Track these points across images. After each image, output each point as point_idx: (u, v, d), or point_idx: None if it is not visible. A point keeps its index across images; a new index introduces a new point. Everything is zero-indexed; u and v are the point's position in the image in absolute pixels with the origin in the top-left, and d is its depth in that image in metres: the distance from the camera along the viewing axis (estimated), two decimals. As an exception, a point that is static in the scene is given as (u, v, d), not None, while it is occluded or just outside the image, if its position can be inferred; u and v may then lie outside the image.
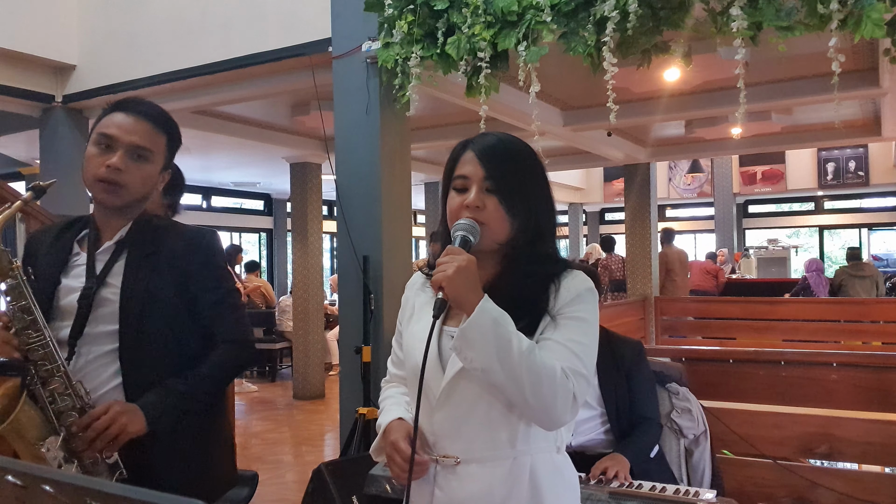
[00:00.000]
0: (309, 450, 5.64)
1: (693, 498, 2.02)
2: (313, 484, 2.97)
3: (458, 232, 1.28)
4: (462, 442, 1.30)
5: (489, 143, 1.34)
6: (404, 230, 4.10)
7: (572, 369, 1.23)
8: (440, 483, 1.31)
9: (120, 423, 1.49)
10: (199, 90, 5.14)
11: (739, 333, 7.64)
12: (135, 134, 1.61)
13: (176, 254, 1.65)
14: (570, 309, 1.29)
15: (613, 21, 2.90)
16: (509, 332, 1.19)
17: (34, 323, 1.51)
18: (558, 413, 1.22)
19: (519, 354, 1.18)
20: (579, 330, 1.28)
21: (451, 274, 1.20)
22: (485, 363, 1.19)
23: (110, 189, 1.60)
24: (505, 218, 1.30)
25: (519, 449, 1.29)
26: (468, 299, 1.20)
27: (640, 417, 2.54)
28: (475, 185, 1.31)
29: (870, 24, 2.58)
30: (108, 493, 0.69)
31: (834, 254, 16.15)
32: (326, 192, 8.53)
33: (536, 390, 1.18)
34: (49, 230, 1.73)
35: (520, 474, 1.28)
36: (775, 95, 5.44)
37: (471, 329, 1.19)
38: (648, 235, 8.37)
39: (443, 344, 1.32)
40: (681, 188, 15.62)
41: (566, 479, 1.36)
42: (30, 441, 1.47)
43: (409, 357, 1.38)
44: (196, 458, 1.67)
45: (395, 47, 3.53)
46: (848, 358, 3.09)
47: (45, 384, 1.49)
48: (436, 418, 1.31)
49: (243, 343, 1.73)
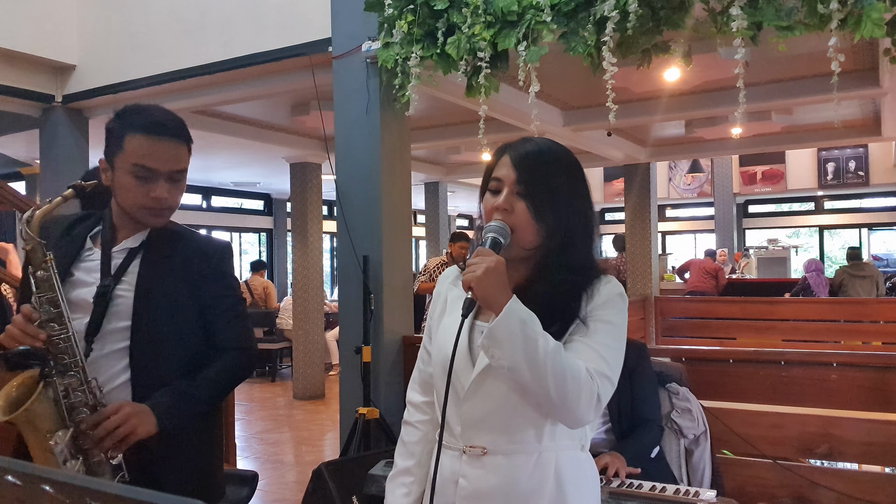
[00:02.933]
0: (309, 450, 5.64)
1: (693, 498, 2.02)
2: (313, 484, 2.97)
3: (489, 233, 1.31)
4: (489, 433, 1.32)
5: (526, 148, 1.37)
6: (404, 230, 4.10)
7: (597, 371, 1.25)
8: (465, 473, 1.33)
9: (130, 424, 1.50)
10: (199, 90, 5.14)
11: (739, 333, 7.64)
12: (173, 161, 1.64)
13: (190, 260, 1.70)
14: (600, 313, 1.32)
15: (613, 21, 2.90)
16: (536, 332, 1.22)
17: (60, 316, 1.52)
18: (581, 412, 1.24)
19: (545, 354, 1.20)
20: (607, 333, 1.31)
21: (480, 274, 1.23)
22: (511, 362, 1.22)
23: (157, 213, 1.65)
24: (532, 222, 1.32)
25: (544, 444, 1.31)
26: (497, 299, 1.23)
27: (642, 419, 2.54)
28: (507, 188, 1.34)
29: (870, 23, 2.58)
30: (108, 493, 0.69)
31: (834, 254, 16.15)
32: (326, 192, 8.53)
33: (561, 390, 1.21)
34: (60, 221, 1.74)
35: (545, 468, 1.31)
36: (775, 95, 5.44)
37: (498, 328, 1.21)
38: (648, 235, 8.37)
39: (473, 338, 1.35)
40: (681, 188, 15.62)
41: (589, 478, 1.39)
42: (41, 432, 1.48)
43: (439, 350, 1.40)
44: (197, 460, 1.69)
45: (395, 47, 3.53)
46: (848, 358, 3.09)
47: (62, 377, 1.51)
48: (464, 408, 1.34)
49: (248, 351, 1.78)
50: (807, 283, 8.59)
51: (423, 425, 1.50)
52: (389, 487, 1.50)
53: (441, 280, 1.52)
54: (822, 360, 3.05)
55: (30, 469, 0.76)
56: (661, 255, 10.69)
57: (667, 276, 11.00)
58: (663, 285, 10.11)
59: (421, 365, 1.53)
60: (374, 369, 3.85)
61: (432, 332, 1.47)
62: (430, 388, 1.49)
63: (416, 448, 1.49)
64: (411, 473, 1.48)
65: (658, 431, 2.61)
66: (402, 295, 4.00)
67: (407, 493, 1.47)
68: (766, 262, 11.84)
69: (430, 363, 1.47)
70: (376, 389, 3.85)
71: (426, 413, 1.50)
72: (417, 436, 1.50)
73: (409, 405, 1.54)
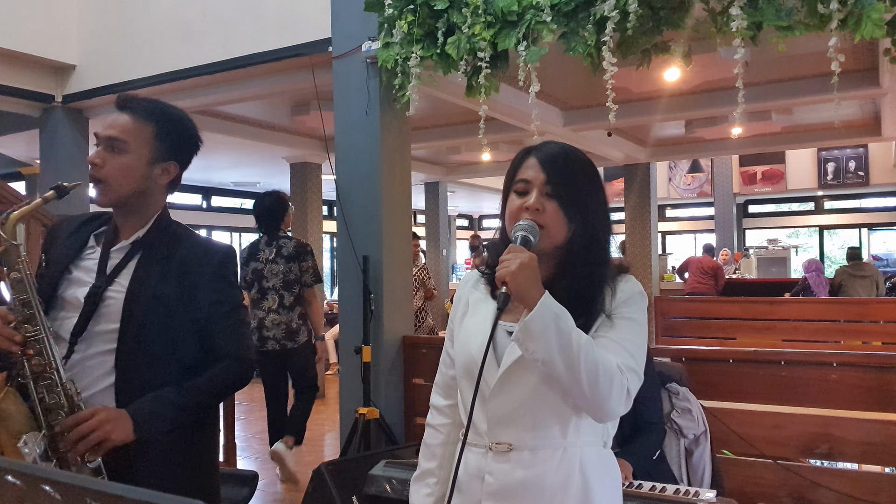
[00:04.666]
0: (309, 450, 5.63)
1: (693, 498, 2.02)
2: (313, 484, 2.97)
3: (519, 232, 1.34)
4: (515, 430, 1.34)
5: (552, 150, 1.41)
6: (404, 230, 4.10)
7: (627, 365, 1.29)
8: (492, 469, 1.35)
9: (104, 430, 1.46)
10: (199, 90, 5.15)
11: (739, 333, 7.63)
12: (111, 127, 1.64)
13: (188, 262, 1.65)
14: (624, 310, 1.36)
15: (613, 21, 2.90)
16: (569, 326, 1.25)
17: (32, 318, 1.51)
18: (612, 405, 1.28)
19: (578, 348, 1.23)
20: (632, 330, 1.35)
21: (515, 269, 1.25)
22: (546, 355, 1.24)
23: (96, 186, 1.63)
24: (563, 221, 1.36)
25: (569, 440, 1.34)
26: (531, 294, 1.25)
27: (644, 422, 2.52)
28: (536, 189, 1.37)
29: (870, 24, 2.57)
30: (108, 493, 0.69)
31: (834, 254, 16.15)
32: (326, 192, 8.54)
33: (594, 383, 1.24)
34: (72, 220, 1.74)
35: (571, 464, 1.33)
36: (775, 95, 5.45)
37: (533, 322, 1.24)
38: (648, 235, 8.38)
39: (497, 338, 1.37)
40: (681, 188, 15.62)
41: (612, 474, 1.41)
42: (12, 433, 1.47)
43: (463, 350, 1.42)
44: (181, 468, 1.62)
45: (395, 47, 3.53)
46: (848, 358, 3.09)
47: (37, 380, 1.49)
48: (490, 406, 1.36)
49: (244, 360, 1.70)
50: (807, 283, 8.59)
51: (445, 428, 1.53)
52: (414, 488, 1.54)
53: (462, 284, 1.55)
54: (822, 360, 3.05)
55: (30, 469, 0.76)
56: (661, 255, 10.70)
57: (667, 276, 11.00)
58: (663, 285, 10.11)
59: (443, 368, 1.55)
60: (374, 369, 3.85)
61: (454, 335, 1.49)
62: (452, 391, 1.51)
63: (438, 450, 1.52)
64: (434, 474, 1.51)
65: (661, 434, 2.59)
66: (402, 295, 3.99)
67: (430, 493, 1.51)
68: (765, 262, 11.84)
69: (451, 366, 1.49)
70: (376, 389, 3.85)
71: (448, 416, 1.52)
72: (440, 438, 1.52)
73: (433, 408, 1.57)
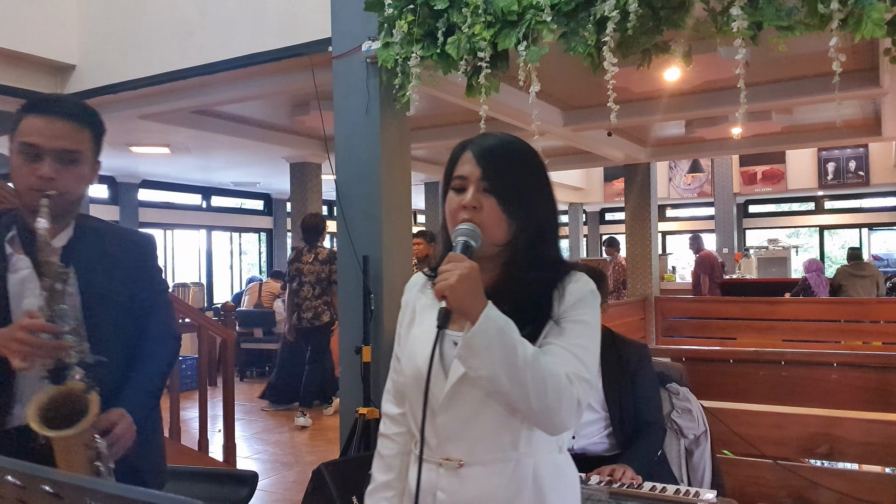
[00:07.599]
0: (309, 450, 5.64)
1: (693, 498, 2.02)
2: (313, 484, 2.96)
3: (460, 237, 1.26)
4: (465, 445, 1.28)
5: (488, 143, 1.32)
6: (404, 230, 4.10)
7: (576, 374, 1.22)
8: (443, 486, 1.29)
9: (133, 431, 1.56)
10: (198, 90, 5.14)
11: (739, 333, 7.64)
12: (59, 138, 1.56)
13: (117, 254, 1.72)
14: (574, 313, 1.28)
15: (613, 21, 2.90)
16: (514, 339, 1.17)
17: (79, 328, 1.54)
18: (563, 419, 1.21)
19: (524, 362, 1.16)
20: (582, 334, 1.27)
21: (454, 282, 1.17)
22: (490, 371, 1.17)
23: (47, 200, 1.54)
24: (502, 219, 1.28)
25: (522, 451, 1.28)
26: (472, 307, 1.17)
27: (644, 422, 2.51)
28: (472, 185, 1.29)
29: (870, 23, 2.57)
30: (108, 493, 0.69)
31: (834, 254, 16.15)
32: (326, 192, 8.53)
33: (541, 397, 1.17)
34: None
35: (523, 476, 1.27)
36: (775, 95, 5.44)
37: (475, 338, 1.17)
38: (649, 235, 8.37)
39: (444, 348, 1.30)
40: (681, 188, 15.61)
41: (568, 479, 1.36)
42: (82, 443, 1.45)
43: (410, 362, 1.36)
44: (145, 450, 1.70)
45: (395, 47, 3.53)
46: (848, 358, 3.09)
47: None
48: (439, 421, 1.29)
49: (179, 339, 1.90)
50: (807, 284, 8.59)
51: (401, 437, 1.45)
52: (369, 503, 1.45)
53: (408, 288, 1.47)
54: (822, 360, 3.05)
55: (30, 469, 0.76)
56: (661, 255, 10.68)
57: (667, 276, 11.00)
58: (663, 285, 10.11)
59: (393, 375, 1.47)
60: (374, 369, 3.85)
61: (402, 342, 1.42)
62: (404, 398, 1.43)
63: (394, 461, 1.44)
64: (391, 487, 1.43)
65: (661, 434, 2.59)
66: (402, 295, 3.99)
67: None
68: (766, 262, 11.84)
69: (402, 373, 1.41)
70: (376, 389, 3.85)
71: (403, 425, 1.45)
72: (395, 448, 1.45)
73: (385, 417, 1.49)
